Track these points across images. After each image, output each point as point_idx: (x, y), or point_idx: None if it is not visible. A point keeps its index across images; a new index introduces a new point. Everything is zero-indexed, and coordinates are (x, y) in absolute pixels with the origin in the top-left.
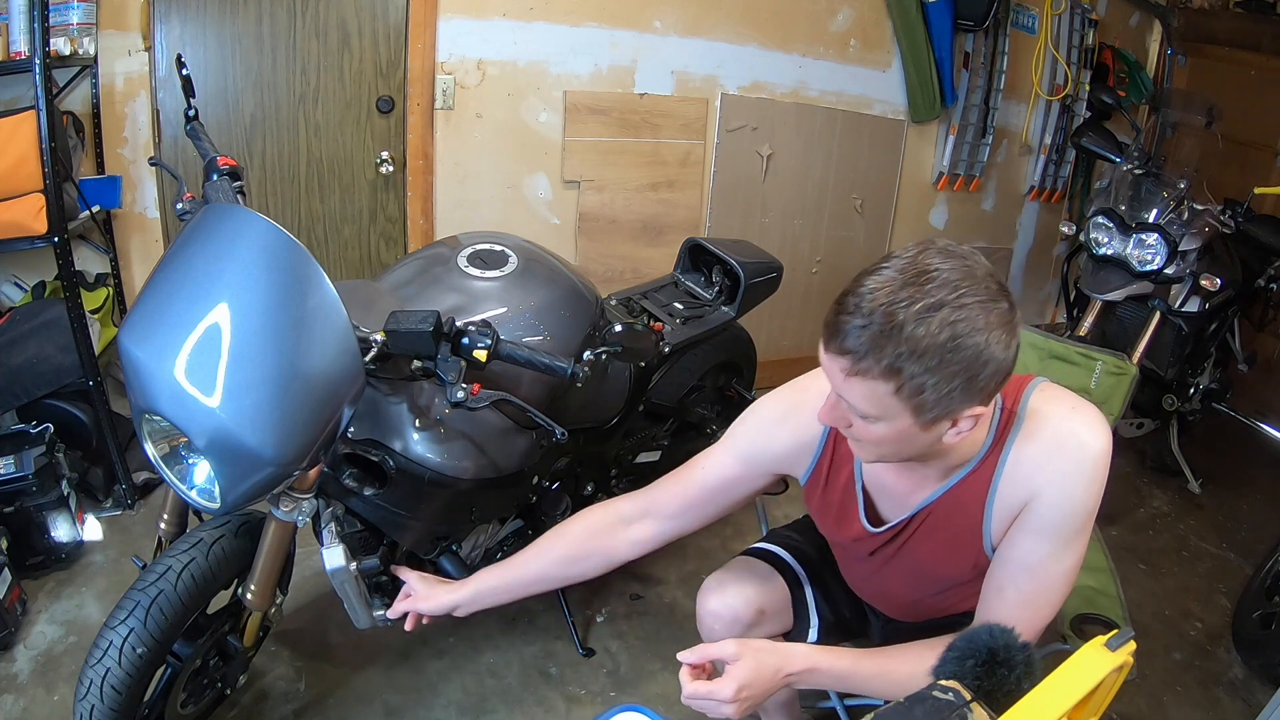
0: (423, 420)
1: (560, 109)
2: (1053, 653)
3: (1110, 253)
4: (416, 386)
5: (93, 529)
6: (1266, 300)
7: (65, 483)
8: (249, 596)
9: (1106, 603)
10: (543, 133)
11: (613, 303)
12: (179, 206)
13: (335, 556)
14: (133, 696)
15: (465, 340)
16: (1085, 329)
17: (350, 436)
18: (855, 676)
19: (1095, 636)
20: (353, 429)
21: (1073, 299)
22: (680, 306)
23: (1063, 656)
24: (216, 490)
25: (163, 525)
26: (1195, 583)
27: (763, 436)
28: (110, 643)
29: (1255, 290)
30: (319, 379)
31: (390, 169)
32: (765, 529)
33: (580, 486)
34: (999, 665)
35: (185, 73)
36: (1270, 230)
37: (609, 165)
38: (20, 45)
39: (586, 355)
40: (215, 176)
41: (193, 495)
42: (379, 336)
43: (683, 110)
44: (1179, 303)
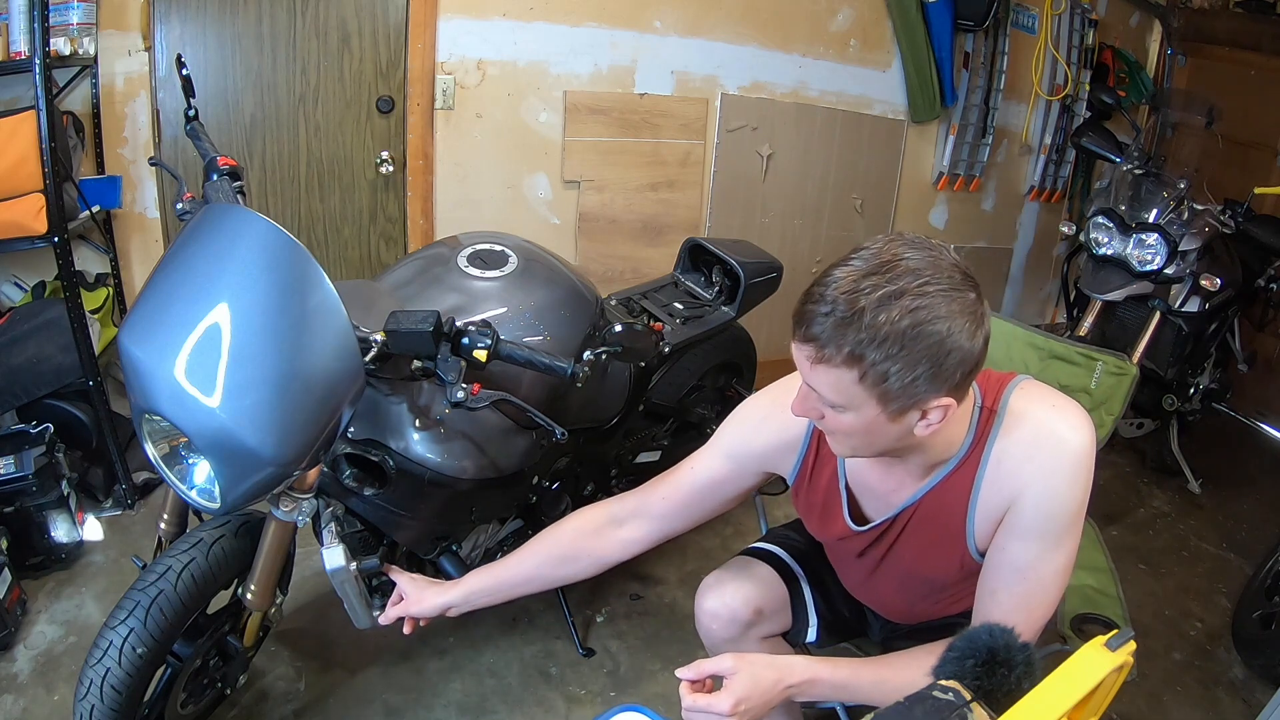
0: (423, 420)
1: (560, 109)
2: (1053, 653)
3: (1110, 253)
4: (416, 386)
5: (93, 529)
6: (1266, 300)
7: (65, 483)
8: (249, 596)
9: (1106, 603)
10: (543, 133)
11: (613, 303)
12: (179, 206)
13: (335, 556)
14: (133, 696)
15: (465, 340)
16: (1085, 329)
17: (350, 436)
18: (855, 686)
19: (1095, 636)
20: (353, 429)
21: (1073, 299)
22: (680, 306)
23: (1063, 656)
24: (216, 490)
25: (163, 525)
26: (1195, 583)
27: (749, 435)
28: (110, 643)
29: (1255, 290)
30: (319, 379)
31: (390, 169)
32: (765, 529)
33: (580, 486)
34: (999, 665)
35: (185, 73)
36: (1270, 230)
37: (609, 165)
38: (20, 45)
39: (586, 355)
40: (215, 176)
41: (193, 495)
42: (379, 336)
43: (683, 110)
44: (1179, 303)
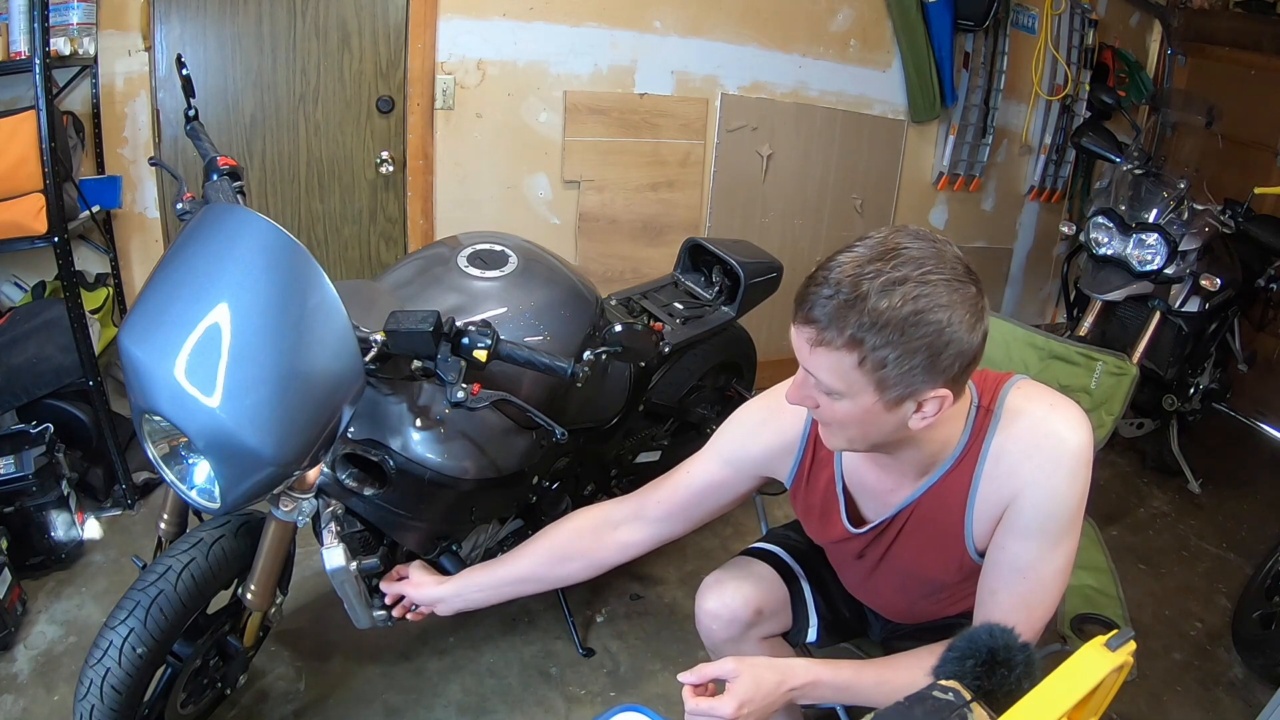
0: (423, 420)
1: (560, 109)
2: (1053, 653)
3: (1110, 253)
4: (416, 386)
5: (93, 529)
6: (1266, 300)
7: (65, 483)
8: (249, 596)
9: (1106, 603)
10: (543, 133)
11: (613, 303)
12: (179, 206)
13: (335, 556)
14: (133, 696)
15: (465, 340)
16: (1085, 329)
17: (350, 436)
18: (857, 688)
19: (1095, 636)
20: (353, 429)
21: (1073, 299)
22: (680, 306)
23: (1063, 656)
24: (216, 490)
25: (163, 525)
26: (1195, 583)
27: (745, 439)
28: (110, 643)
29: (1255, 290)
30: (319, 379)
31: (390, 169)
32: (765, 529)
33: (580, 486)
34: (999, 665)
35: (185, 73)
36: (1270, 230)
37: (609, 165)
38: (20, 45)
39: (586, 355)
40: (215, 176)
41: (193, 495)
42: (379, 336)
43: (683, 110)
44: (1179, 303)
